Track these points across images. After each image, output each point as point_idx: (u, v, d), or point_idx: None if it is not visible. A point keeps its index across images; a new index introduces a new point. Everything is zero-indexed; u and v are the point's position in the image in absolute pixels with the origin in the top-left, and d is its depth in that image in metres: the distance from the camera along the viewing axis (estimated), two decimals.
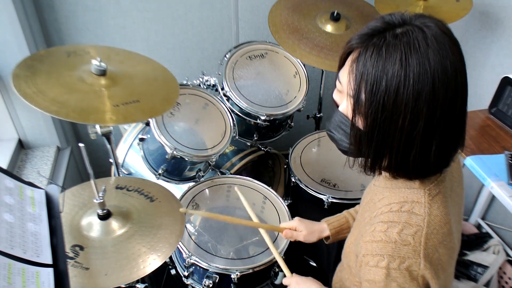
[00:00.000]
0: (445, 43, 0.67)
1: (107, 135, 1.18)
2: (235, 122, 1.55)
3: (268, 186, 1.50)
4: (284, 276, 1.09)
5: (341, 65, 0.78)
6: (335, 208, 1.43)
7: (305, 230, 1.16)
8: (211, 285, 1.22)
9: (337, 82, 0.79)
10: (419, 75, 0.66)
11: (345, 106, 0.78)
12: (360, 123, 0.74)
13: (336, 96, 0.81)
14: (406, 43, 0.66)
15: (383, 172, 0.83)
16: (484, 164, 1.30)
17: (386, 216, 0.76)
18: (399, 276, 0.72)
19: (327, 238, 1.19)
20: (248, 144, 1.72)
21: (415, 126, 0.68)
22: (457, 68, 0.68)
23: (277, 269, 1.30)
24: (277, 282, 1.36)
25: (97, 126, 1.15)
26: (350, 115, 0.75)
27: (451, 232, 0.77)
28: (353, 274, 0.91)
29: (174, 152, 1.35)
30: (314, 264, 1.41)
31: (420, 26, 0.68)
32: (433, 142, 0.70)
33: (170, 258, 1.37)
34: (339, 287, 1.02)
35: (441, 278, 0.74)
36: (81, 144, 0.91)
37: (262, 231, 1.16)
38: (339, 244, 1.23)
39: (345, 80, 0.74)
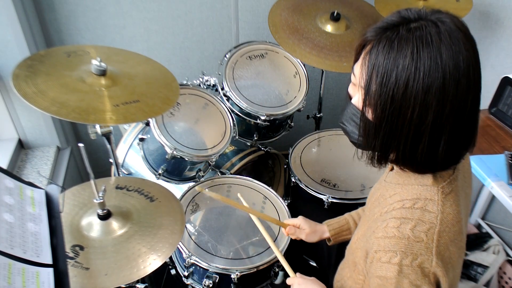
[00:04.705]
0: (459, 38, 0.67)
1: (107, 135, 1.18)
2: (235, 122, 1.55)
3: (268, 186, 1.50)
4: (284, 276, 1.09)
5: (356, 58, 0.78)
6: (335, 208, 1.44)
7: (308, 228, 1.17)
8: (211, 285, 1.22)
9: (352, 75, 0.80)
10: (429, 69, 0.66)
11: (357, 98, 0.78)
12: (369, 114, 0.74)
13: (350, 89, 0.82)
14: (419, 37, 0.66)
15: (391, 165, 0.83)
16: (484, 164, 1.30)
17: (398, 212, 0.77)
18: (411, 273, 0.72)
19: (328, 240, 1.20)
20: (248, 144, 1.72)
21: (423, 119, 0.68)
22: (470, 64, 0.67)
23: (277, 269, 1.30)
24: (277, 282, 1.36)
25: (97, 126, 1.15)
26: (361, 106, 0.75)
27: (462, 231, 0.77)
28: (356, 272, 0.90)
29: (174, 152, 1.35)
30: (314, 264, 1.41)
31: (434, 21, 0.68)
32: (442, 138, 0.70)
33: (170, 258, 1.37)
34: (340, 286, 1.02)
35: (450, 277, 0.75)
36: (81, 144, 0.92)
37: (263, 232, 1.16)
38: (340, 245, 1.23)
39: (358, 72, 0.75)
